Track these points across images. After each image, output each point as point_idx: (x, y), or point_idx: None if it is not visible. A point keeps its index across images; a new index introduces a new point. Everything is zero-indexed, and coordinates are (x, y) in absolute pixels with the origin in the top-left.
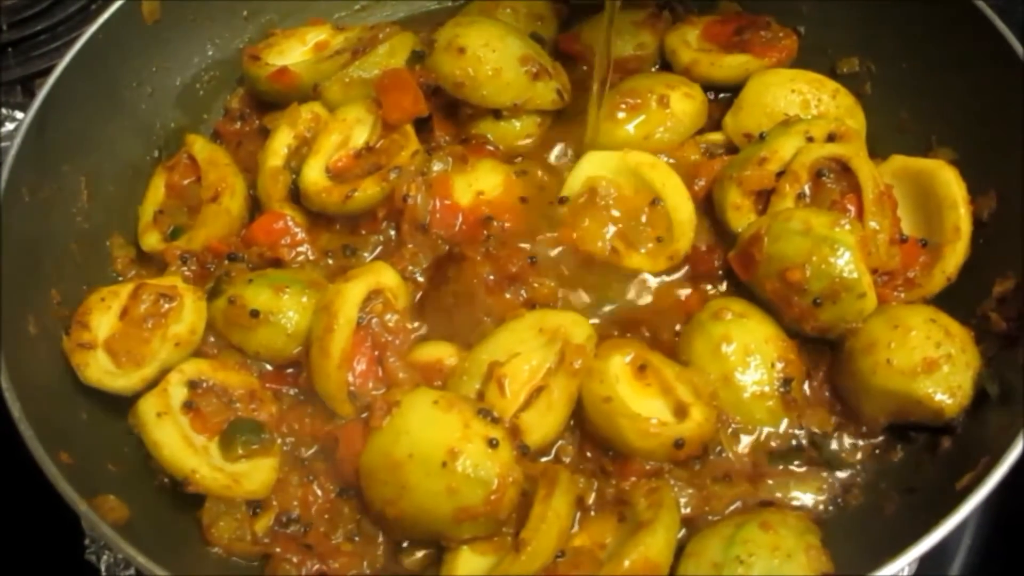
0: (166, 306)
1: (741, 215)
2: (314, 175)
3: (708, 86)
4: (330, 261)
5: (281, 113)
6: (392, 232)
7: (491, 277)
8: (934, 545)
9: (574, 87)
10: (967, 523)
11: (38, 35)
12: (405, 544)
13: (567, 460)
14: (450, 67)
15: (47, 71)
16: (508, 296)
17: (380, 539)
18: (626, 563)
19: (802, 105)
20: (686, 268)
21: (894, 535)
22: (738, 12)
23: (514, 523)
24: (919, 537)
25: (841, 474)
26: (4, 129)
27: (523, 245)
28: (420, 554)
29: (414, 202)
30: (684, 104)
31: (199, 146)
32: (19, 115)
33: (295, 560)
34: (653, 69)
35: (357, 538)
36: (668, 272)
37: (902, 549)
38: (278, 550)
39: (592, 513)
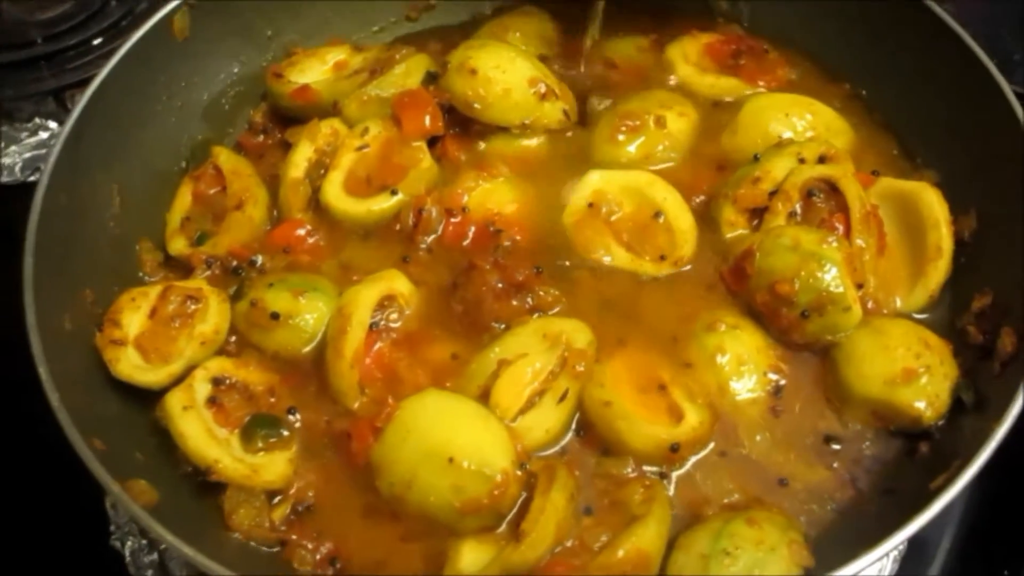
0: (192, 307)
1: (735, 231)
2: (333, 188)
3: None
4: (346, 268)
5: (302, 128)
6: (406, 242)
7: (499, 285)
8: (914, 547)
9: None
10: (946, 525)
11: (71, 49)
12: (413, 532)
13: (566, 458)
14: (462, 87)
15: (79, 83)
16: (515, 303)
17: (390, 528)
18: (620, 553)
19: (795, 128)
20: (687, 276)
21: (873, 533)
22: (739, 35)
23: (516, 518)
24: (893, 532)
25: None
26: (37, 138)
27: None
28: (427, 542)
29: (428, 215)
30: (680, 123)
31: (224, 157)
32: (52, 124)
33: (310, 546)
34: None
35: (368, 527)
36: (670, 278)
37: (877, 542)
38: (294, 537)
39: None
